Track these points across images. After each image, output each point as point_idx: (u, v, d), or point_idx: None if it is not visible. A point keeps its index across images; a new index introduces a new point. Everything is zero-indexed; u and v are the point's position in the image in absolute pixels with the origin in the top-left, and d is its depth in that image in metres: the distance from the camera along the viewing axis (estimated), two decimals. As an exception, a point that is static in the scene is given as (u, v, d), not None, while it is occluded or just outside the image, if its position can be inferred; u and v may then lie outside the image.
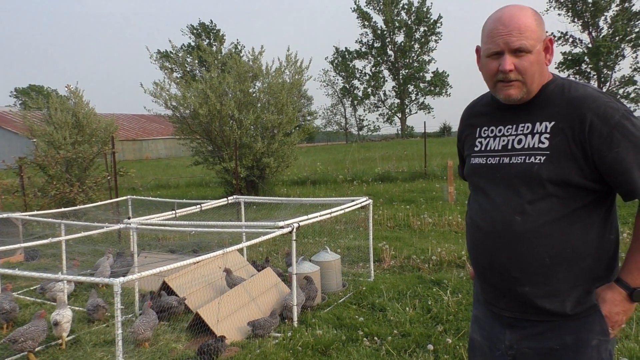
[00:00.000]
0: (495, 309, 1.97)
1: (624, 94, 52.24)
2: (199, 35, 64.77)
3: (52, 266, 8.07)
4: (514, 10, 1.79)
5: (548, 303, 1.80)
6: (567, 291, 1.79)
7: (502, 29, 1.77)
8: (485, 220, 1.91)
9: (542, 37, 1.80)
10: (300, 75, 15.45)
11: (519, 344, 1.89)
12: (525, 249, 1.80)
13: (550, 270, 1.78)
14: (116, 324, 3.71)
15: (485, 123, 2.00)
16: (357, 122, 74.31)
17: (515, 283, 1.84)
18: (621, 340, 4.33)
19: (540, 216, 1.78)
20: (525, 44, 1.76)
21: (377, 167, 19.78)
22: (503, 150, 1.89)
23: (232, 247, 5.03)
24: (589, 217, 1.78)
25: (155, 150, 53.17)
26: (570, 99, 1.78)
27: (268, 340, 4.86)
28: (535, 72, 1.79)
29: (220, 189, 16.36)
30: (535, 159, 1.78)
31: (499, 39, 1.78)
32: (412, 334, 4.76)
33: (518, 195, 1.81)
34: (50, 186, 13.10)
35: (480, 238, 1.94)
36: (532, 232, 1.78)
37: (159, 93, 15.06)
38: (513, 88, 1.81)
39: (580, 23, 52.87)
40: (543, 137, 1.79)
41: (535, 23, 1.78)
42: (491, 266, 1.90)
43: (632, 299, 1.77)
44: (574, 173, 1.74)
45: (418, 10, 66.53)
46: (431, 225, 9.84)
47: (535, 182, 1.77)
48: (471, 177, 2.03)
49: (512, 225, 1.81)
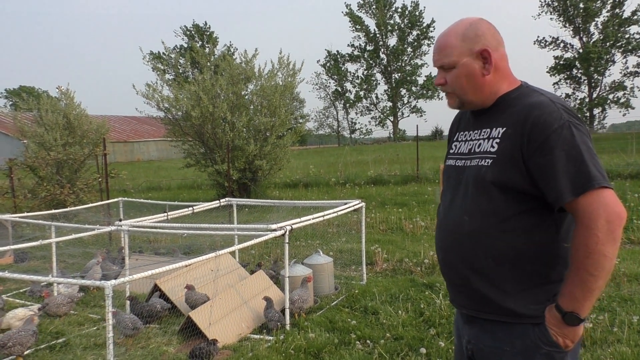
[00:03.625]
0: (457, 306, 2.06)
1: (614, 99, 52.70)
2: (192, 37, 64.65)
3: (42, 268, 8.00)
4: (447, 29, 1.93)
5: (496, 301, 1.85)
6: (514, 292, 1.83)
7: (433, 48, 1.96)
8: (444, 220, 2.02)
9: (471, 50, 1.86)
10: (293, 77, 15.44)
11: (475, 340, 1.95)
12: (471, 248, 1.87)
13: (494, 270, 1.84)
14: (107, 327, 3.67)
15: (462, 128, 2.10)
16: (350, 125, 74.39)
17: (466, 280, 1.91)
18: (613, 344, 4.35)
19: (484, 217, 1.84)
20: (445, 61, 1.89)
21: (369, 170, 19.79)
22: (468, 154, 1.97)
23: (224, 250, 5.00)
24: (535, 222, 1.80)
25: (146, 152, 52.96)
26: (522, 106, 1.83)
27: (260, 344, 4.83)
28: (462, 84, 1.89)
29: (213, 191, 16.31)
30: (484, 162, 1.85)
31: (432, 57, 1.97)
32: (404, 337, 4.75)
33: (469, 197, 1.89)
34: (40, 188, 13.00)
35: (439, 236, 2.05)
36: (476, 232, 1.86)
37: (151, 94, 15.00)
38: (448, 98, 1.97)
39: (572, 28, 53.32)
40: (494, 142, 1.86)
41: (460, 39, 1.87)
42: (447, 263, 2.01)
43: (566, 322, 1.74)
44: (516, 177, 1.78)
45: (411, 14, 66.77)
46: (423, 228, 9.85)
47: (483, 184, 1.84)
48: (444, 177, 2.13)
49: (462, 225, 1.90)
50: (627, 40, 50.87)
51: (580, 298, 1.71)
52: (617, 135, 34.78)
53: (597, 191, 1.68)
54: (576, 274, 1.71)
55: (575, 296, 1.71)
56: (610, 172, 14.72)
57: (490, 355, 1.90)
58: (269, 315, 5.21)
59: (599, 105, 53.04)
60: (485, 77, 1.88)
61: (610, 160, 17.60)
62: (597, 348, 4.32)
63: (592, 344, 4.41)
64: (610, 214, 1.66)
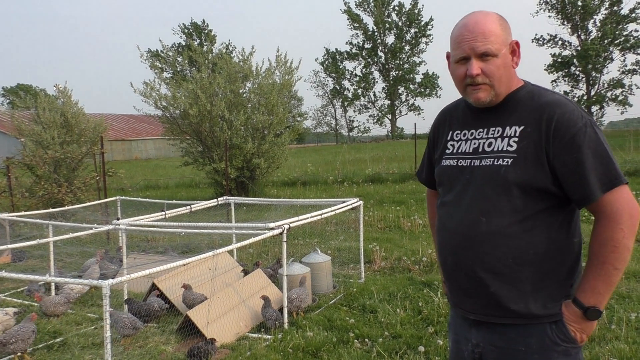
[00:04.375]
0: (462, 312, 2.00)
1: (612, 97, 52.75)
2: (189, 35, 64.56)
3: (40, 267, 7.99)
4: (479, 17, 1.85)
5: (513, 304, 1.82)
6: (532, 293, 1.82)
7: (468, 35, 1.82)
8: (452, 221, 1.95)
9: (507, 41, 1.85)
10: (291, 75, 15.40)
11: (485, 342, 1.92)
12: (489, 250, 1.83)
13: (513, 271, 1.81)
14: (105, 326, 3.66)
15: (457, 127, 2.04)
16: (348, 123, 74.45)
17: (480, 283, 1.86)
18: (611, 342, 4.36)
19: (504, 217, 1.81)
20: (491, 48, 1.80)
21: (367, 168, 19.78)
22: (474, 153, 1.93)
23: (222, 249, 5.00)
24: (552, 220, 1.81)
25: (144, 151, 52.91)
26: (539, 104, 1.82)
27: (259, 342, 4.83)
28: (502, 75, 1.84)
29: (210, 189, 16.29)
30: (503, 161, 1.83)
31: (465, 44, 1.83)
32: (403, 335, 4.75)
33: (484, 197, 1.85)
34: (38, 186, 12.95)
35: (447, 239, 1.98)
36: (496, 233, 1.82)
37: (148, 93, 14.95)
38: (482, 91, 1.86)
39: (570, 26, 53.32)
40: (512, 141, 1.83)
41: (500, 27, 1.83)
42: (458, 267, 1.93)
43: (588, 317, 1.77)
44: (538, 176, 1.78)
45: (409, 12, 66.75)
46: (422, 226, 9.84)
47: (501, 184, 1.81)
48: (441, 178, 2.06)
49: (477, 226, 1.85)
50: (625, 37, 50.88)
51: (603, 292, 1.75)
52: (615, 133, 34.80)
53: (621, 187, 1.73)
54: (601, 268, 1.73)
55: (599, 290, 1.75)
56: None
57: (502, 357, 1.88)
58: (266, 314, 5.20)
59: (597, 103, 53.08)
60: (513, 70, 1.88)
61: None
62: (595, 345, 4.33)
63: (591, 341, 4.41)
64: (633, 208, 1.72)
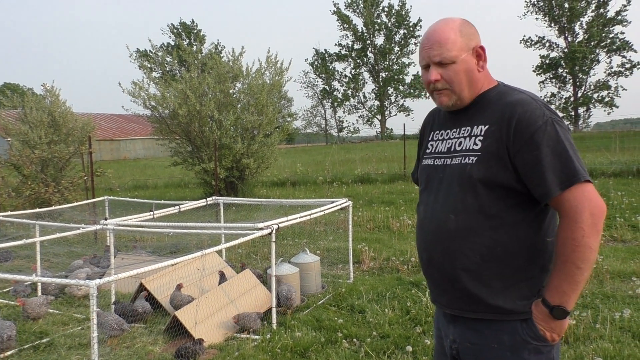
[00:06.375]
0: (439, 306, 2.07)
1: (598, 98, 53.30)
2: (179, 35, 64.22)
3: (26, 268, 7.91)
4: (439, 24, 1.92)
5: (484, 299, 1.86)
6: (502, 290, 1.85)
7: (426, 43, 1.91)
8: (427, 219, 2.01)
9: (469, 46, 1.89)
10: (281, 76, 15.40)
11: (461, 339, 1.96)
12: (457, 246, 1.88)
13: (482, 268, 1.85)
14: (92, 326, 3.65)
15: (437, 127, 2.11)
16: (337, 124, 74.39)
17: (452, 279, 1.91)
18: (596, 341, 4.41)
19: (470, 215, 1.85)
20: (446, 56, 1.86)
21: (356, 168, 19.82)
22: (447, 152, 1.99)
23: (210, 249, 4.99)
24: (519, 218, 1.83)
25: (133, 151, 52.54)
26: (504, 103, 1.86)
27: (247, 342, 4.83)
28: (462, 80, 1.89)
29: (199, 189, 16.23)
30: (468, 159, 1.87)
31: (424, 52, 1.92)
32: (391, 335, 4.77)
33: (453, 195, 1.90)
34: (24, 186, 12.83)
35: (423, 236, 2.04)
36: (463, 230, 1.87)
37: (137, 92, 14.86)
38: (443, 96, 1.93)
39: (557, 28, 53.82)
40: (477, 140, 1.88)
41: (460, 34, 1.88)
42: (431, 263, 1.99)
43: (554, 316, 1.78)
44: (501, 174, 1.81)
45: (398, 14, 66.94)
46: (410, 227, 9.88)
47: (468, 182, 1.86)
48: (421, 177, 2.13)
49: (447, 223, 1.90)
50: (612, 40, 51.50)
51: (567, 291, 1.75)
52: (602, 134, 35.11)
53: (581, 185, 1.74)
54: (563, 267, 1.75)
55: (563, 290, 1.76)
56: (594, 171, 14.90)
57: (476, 353, 1.91)
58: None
59: (583, 105, 53.65)
60: (480, 73, 1.92)
61: (594, 158, 17.79)
62: (580, 344, 4.37)
63: (575, 340, 4.47)
64: (594, 207, 1.72)
